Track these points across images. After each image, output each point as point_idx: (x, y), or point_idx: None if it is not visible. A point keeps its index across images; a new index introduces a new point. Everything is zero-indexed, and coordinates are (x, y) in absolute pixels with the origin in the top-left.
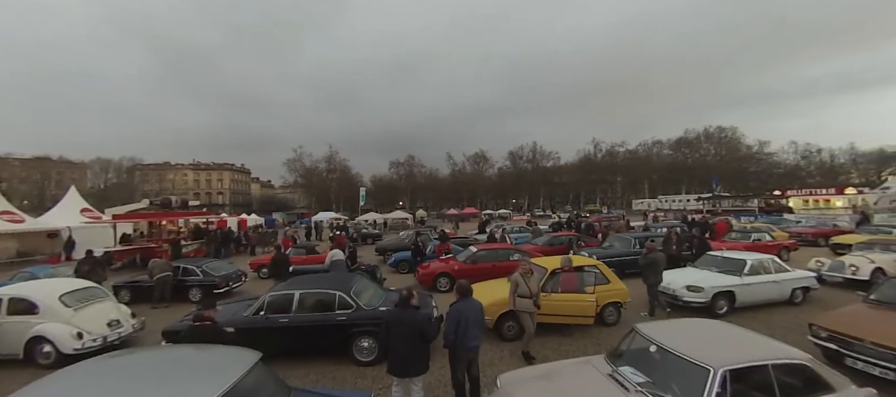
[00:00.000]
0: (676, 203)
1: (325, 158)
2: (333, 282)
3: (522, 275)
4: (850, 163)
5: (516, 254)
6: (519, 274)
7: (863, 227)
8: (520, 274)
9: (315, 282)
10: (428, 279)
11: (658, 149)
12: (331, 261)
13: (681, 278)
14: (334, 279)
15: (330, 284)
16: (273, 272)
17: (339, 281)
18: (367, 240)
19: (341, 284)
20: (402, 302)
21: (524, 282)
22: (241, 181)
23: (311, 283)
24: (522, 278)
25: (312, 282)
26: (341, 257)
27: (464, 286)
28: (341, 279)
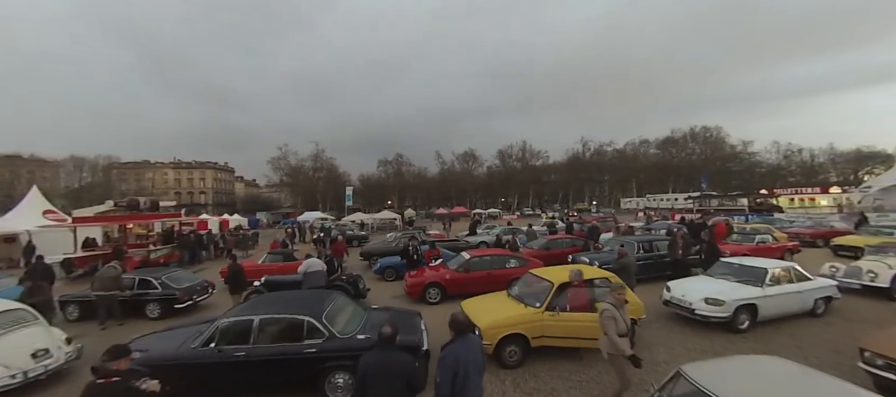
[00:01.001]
0: (664, 202)
1: (311, 156)
2: (302, 303)
3: (617, 305)
4: (829, 162)
5: (513, 260)
6: (612, 304)
7: (862, 228)
8: (613, 303)
9: (279, 304)
10: (416, 290)
11: (645, 148)
12: (305, 272)
13: (696, 289)
14: (303, 299)
15: (297, 306)
16: (229, 287)
17: (309, 301)
18: (352, 243)
19: (311, 306)
20: (383, 342)
21: (621, 315)
22: (225, 180)
23: (275, 306)
24: (618, 311)
25: (276, 303)
26: (318, 267)
27: (460, 321)
28: (312, 299)
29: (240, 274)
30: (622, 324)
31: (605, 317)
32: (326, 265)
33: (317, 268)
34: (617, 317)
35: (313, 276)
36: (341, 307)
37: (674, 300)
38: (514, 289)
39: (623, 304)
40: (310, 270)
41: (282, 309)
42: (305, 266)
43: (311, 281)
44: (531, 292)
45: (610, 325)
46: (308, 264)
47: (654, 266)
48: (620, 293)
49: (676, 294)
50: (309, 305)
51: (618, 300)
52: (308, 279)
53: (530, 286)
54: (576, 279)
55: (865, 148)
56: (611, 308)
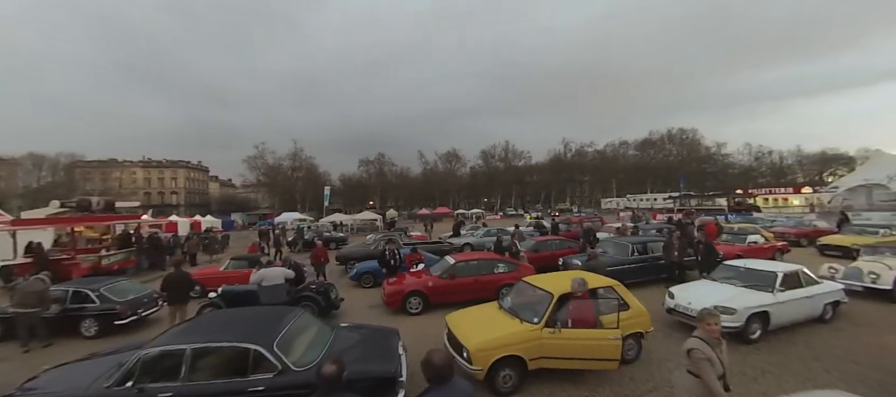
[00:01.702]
0: (644, 202)
1: (290, 155)
2: (250, 325)
3: (710, 342)
4: (796, 164)
5: (502, 264)
6: (702, 338)
7: (845, 227)
8: (703, 338)
9: (220, 328)
10: (395, 300)
11: (624, 149)
12: (259, 283)
13: (703, 296)
14: (254, 320)
15: (243, 330)
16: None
17: (260, 323)
18: (329, 245)
19: (260, 330)
20: (325, 385)
21: (716, 354)
22: (198, 180)
23: (214, 330)
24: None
25: (217, 326)
26: (276, 279)
27: (437, 365)
28: (264, 320)
29: (181, 282)
30: (719, 367)
31: (697, 358)
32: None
33: (274, 279)
34: (713, 359)
35: (270, 292)
36: (301, 329)
37: (679, 308)
38: (507, 301)
39: (719, 341)
40: (266, 282)
41: (222, 335)
42: (259, 276)
43: (268, 295)
44: (527, 304)
45: (707, 371)
46: (263, 274)
47: (649, 268)
48: (713, 324)
49: (682, 301)
50: (258, 329)
51: (710, 333)
52: (265, 293)
53: (525, 297)
54: (579, 289)
55: (830, 150)
56: (701, 345)
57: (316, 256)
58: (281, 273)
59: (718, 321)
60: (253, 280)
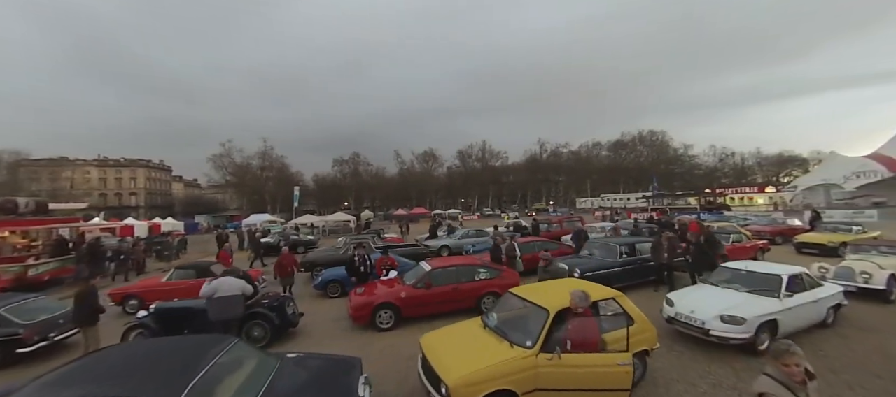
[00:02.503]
0: (617, 201)
1: (259, 154)
2: (153, 368)
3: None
4: (756, 165)
5: (483, 270)
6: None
7: (818, 225)
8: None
9: (107, 375)
10: (363, 313)
11: (598, 150)
12: (210, 297)
13: (706, 303)
14: (162, 358)
15: (141, 377)
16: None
17: (169, 364)
18: (296, 249)
19: (165, 377)
20: None
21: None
22: (160, 180)
23: (98, 377)
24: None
25: (103, 371)
26: (232, 290)
27: None
28: (176, 358)
29: (86, 299)
30: None
31: None
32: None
33: (229, 290)
34: None
35: (223, 303)
36: (229, 368)
37: (680, 317)
38: (492, 318)
39: (803, 383)
40: (219, 294)
41: (109, 385)
42: (212, 287)
43: (219, 310)
44: (517, 322)
45: None
46: (217, 285)
47: (637, 271)
48: (793, 364)
49: (683, 309)
50: (162, 376)
51: (790, 375)
52: (215, 307)
53: (515, 313)
54: (581, 304)
55: (786, 152)
56: (779, 390)
57: (281, 266)
58: (239, 285)
59: (800, 360)
60: (204, 293)
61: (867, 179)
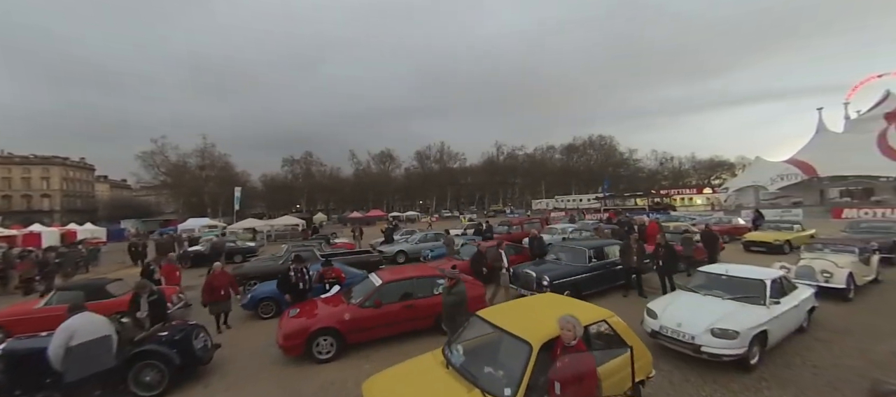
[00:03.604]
0: (571, 202)
1: (198, 152)
2: None
3: None
4: (691, 168)
5: (443, 282)
6: None
7: (761, 224)
8: None
9: None
10: (296, 342)
11: (551, 153)
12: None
13: (693, 315)
14: None
15: None
16: None
17: None
18: (234, 259)
19: None
20: None
21: None
22: (80, 180)
23: None
24: None
25: None
26: (94, 332)
27: None
28: None
29: None
30: None
31: None
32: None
33: (90, 334)
34: None
35: (83, 355)
36: None
37: (666, 331)
38: (458, 352)
39: None
40: (77, 340)
41: None
42: (67, 331)
43: (79, 364)
44: (488, 358)
45: None
46: (73, 328)
47: (606, 276)
48: None
49: (668, 323)
50: None
51: None
52: (73, 361)
53: (486, 345)
54: (573, 335)
55: (716, 157)
56: None
57: (211, 289)
58: (101, 323)
59: None
60: (57, 342)
61: (787, 181)
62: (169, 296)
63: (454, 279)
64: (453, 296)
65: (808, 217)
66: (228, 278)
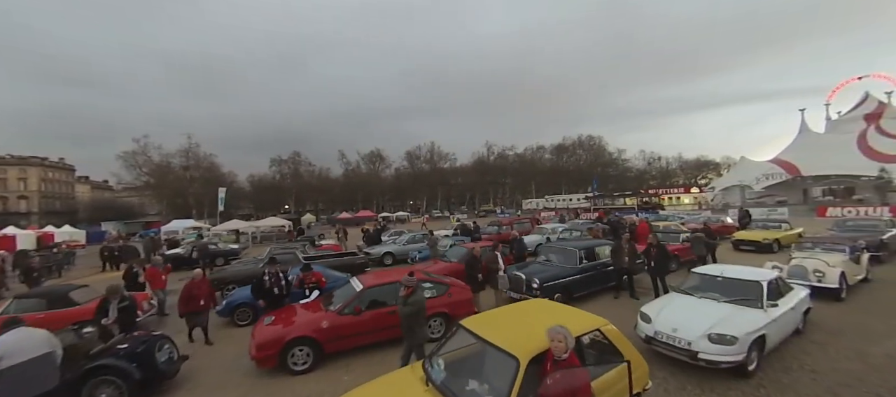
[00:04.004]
0: (560, 202)
1: (182, 152)
2: None
3: None
4: (678, 168)
5: (429, 286)
6: None
7: (749, 224)
8: None
9: None
10: (270, 353)
11: (541, 153)
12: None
13: (688, 318)
14: None
15: None
16: None
17: None
18: (216, 262)
19: None
20: None
21: None
22: (60, 181)
23: None
24: None
25: None
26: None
27: None
28: None
29: None
30: None
31: None
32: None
33: (26, 353)
34: None
35: (19, 376)
36: None
37: (661, 336)
38: (438, 367)
39: None
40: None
41: None
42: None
43: (15, 386)
44: (472, 373)
45: None
46: (3, 349)
47: (597, 278)
48: None
49: (663, 327)
50: None
51: None
52: (4, 385)
53: (469, 359)
54: (564, 347)
55: (702, 157)
56: None
57: (188, 297)
58: (42, 339)
59: None
60: None
61: (772, 181)
62: (139, 303)
63: (411, 287)
64: (410, 306)
65: (794, 215)
66: (208, 287)
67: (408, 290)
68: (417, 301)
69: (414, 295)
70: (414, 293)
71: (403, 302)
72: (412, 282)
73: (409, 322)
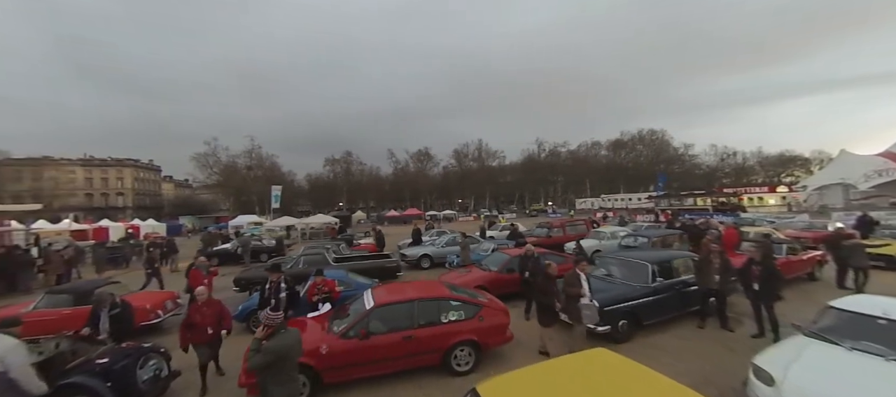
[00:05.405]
0: (619, 202)
1: (245, 153)
2: None
3: None
4: (757, 165)
5: (455, 307)
6: None
7: (870, 230)
8: None
9: None
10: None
11: (596, 150)
12: None
13: (848, 388)
14: None
15: None
16: None
17: None
18: (260, 257)
19: None
20: None
21: None
22: (149, 180)
23: None
24: None
25: None
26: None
27: None
28: None
29: None
30: None
31: None
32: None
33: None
34: None
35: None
36: None
37: None
38: None
39: None
40: None
41: None
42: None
43: None
44: None
45: None
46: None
47: (674, 300)
48: None
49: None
50: None
51: None
52: None
53: None
54: None
55: (787, 152)
56: None
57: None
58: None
59: None
60: None
61: (885, 178)
62: (157, 304)
63: (271, 325)
64: (265, 355)
65: None
66: (217, 308)
67: (267, 330)
68: (275, 349)
69: (274, 337)
70: (275, 334)
71: (256, 348)
72: (274, 319)
73: (263, 378)
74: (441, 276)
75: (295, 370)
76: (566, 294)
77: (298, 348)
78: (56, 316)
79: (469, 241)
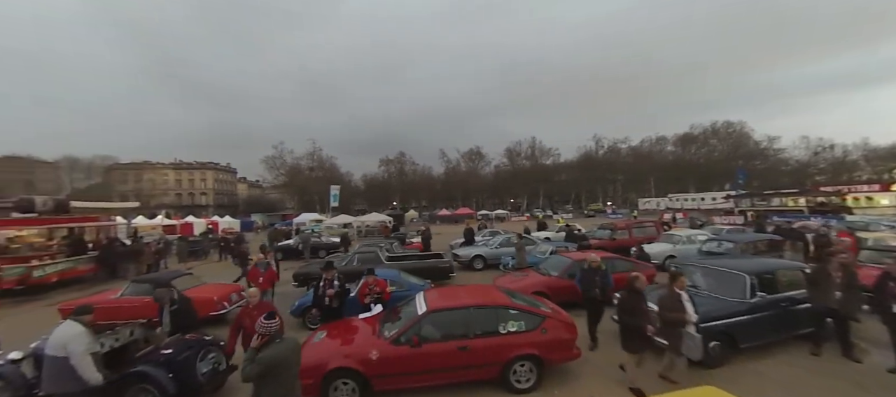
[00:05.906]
0: (689, 202)
1: (308, 155)
2: None
3: None
4: (862, 159)
5: (514, 317)
6: None
7: None
8: None
9: None
10: (309, 382)
11: (661, 145)
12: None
13: None
14: None
15: None
16: None
17: None
18: (318, 254)
19: None
20: None
21: None
22: (227, 181)
23: None
24: None
25: None
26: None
27: None
28: None
29: None
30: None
31: None
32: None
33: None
34: None
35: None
36: None
37: None
38: None
39: None
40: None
41: None
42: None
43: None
44: None
45: None
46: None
47: (779, 319)
48: None
49: None
50: None
51: None
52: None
53: None
54: None
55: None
56: None
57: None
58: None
59: None
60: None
61: None
62: (223, 296)
63: (266, 334)
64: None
65: None
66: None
67: (261, 339)
68: (269, 359)
69: (268, 347)
70: (269, 343)
71: (250, 358)
72: (268, 327)
73: (258, 390)
74: (496, 279)
75: (293, 380)
76: (662, 320)
77: (296, 357)
78: (138, 303)
79: (525, 243)
